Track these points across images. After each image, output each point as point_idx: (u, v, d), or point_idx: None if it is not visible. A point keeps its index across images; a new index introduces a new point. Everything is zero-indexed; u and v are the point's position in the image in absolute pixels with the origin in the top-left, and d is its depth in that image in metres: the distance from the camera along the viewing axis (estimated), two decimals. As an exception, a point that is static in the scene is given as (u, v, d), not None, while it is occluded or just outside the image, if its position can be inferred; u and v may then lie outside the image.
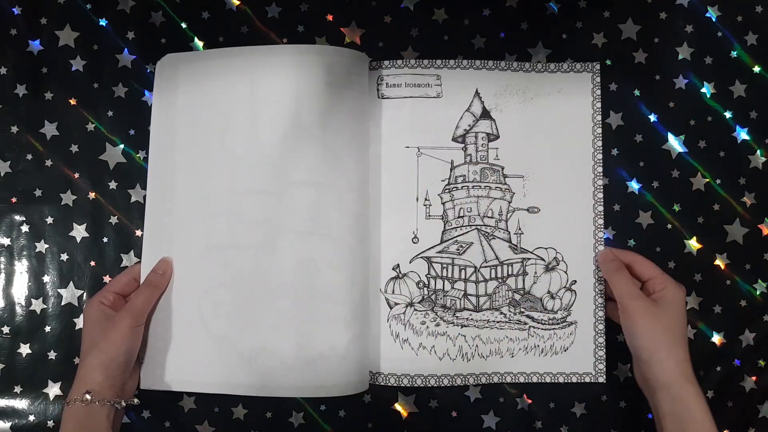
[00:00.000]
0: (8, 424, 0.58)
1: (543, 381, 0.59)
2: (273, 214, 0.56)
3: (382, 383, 0.58)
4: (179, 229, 0.57)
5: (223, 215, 0.56)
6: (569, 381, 0.59)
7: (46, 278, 0.59)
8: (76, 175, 0.60)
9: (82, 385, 0.50)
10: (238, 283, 0.56)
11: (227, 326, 0.56)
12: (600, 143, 0.60)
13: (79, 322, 0.59)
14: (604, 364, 0.59)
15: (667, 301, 0.53)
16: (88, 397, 0.50)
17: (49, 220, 0.60)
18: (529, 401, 0.60)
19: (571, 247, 0.60)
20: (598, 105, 0.61)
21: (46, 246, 0.60)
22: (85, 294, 0.59)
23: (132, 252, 0.60)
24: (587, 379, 0.59)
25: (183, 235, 0.57)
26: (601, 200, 0.60)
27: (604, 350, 0.59)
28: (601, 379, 0.59)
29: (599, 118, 0.61)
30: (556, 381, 0.59)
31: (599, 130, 0.60)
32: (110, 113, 0.61)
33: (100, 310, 0.54)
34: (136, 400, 0.54)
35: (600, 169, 0.60)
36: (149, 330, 0.56)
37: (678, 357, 0.52)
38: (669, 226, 0.61)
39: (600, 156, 0.60)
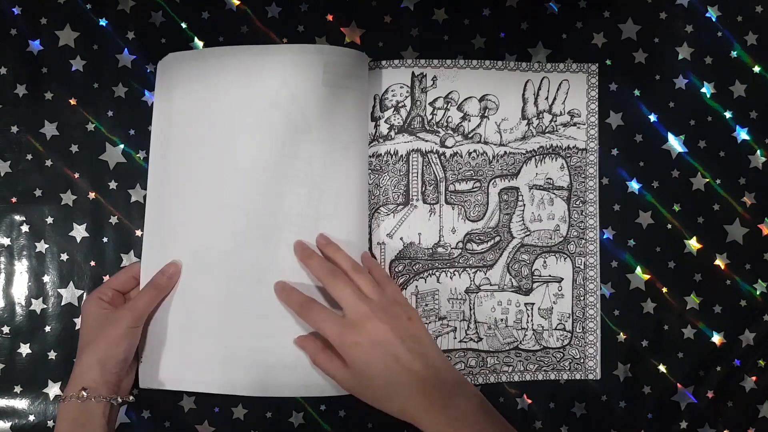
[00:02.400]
0: (8, 424, 0.58)
1: (536, 379, 0.59)
2: (272, 214, 0.56)
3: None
4: (179, 228, 0.57)
5: (222, 215, 0.56)
6: (560, 378, 0.60)
7: (46, 278, 0.59)
8: (76, 175, 0.60)
9: (78, 382, 0.50)
10: (237, 283, 0.56)
11: (226, 326, 0.56)
12: (594, 144, 0.60)
13: (80, 322, 0.59)
14: (597, 360, 0.60)
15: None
16: (84, 393, 0.50)
17: (49, 220, 0.60)
18: (529, 401, 0.60)
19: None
20: (594, 106, 0.61)
21: (46, 246, 0.60)
22: (85, 294, 0.59)
23: (132, 252, 0.60)
24: (578, 376, 0.60)
25: (183, 234, 0.57)
26: (594, 200, 0.60)
27: (596, 347, 0.59)
28: (592, 377, 0.60)
29: (594, 119, 0.61)
30: (547, 378, 0.60)
31: (593, 132, 0.60)
32: (110, 113, 0.61)
33: (99, 307, 0.54)
34: (131, 398, 0.54)
35: (592, 171, 0.60)
36: (148, 329, 0.56)
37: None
38: (669, 226, 0.61)
39: (593, 158, 0.60)
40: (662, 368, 0.60)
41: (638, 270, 0.61)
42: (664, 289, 0.61)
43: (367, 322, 0.49)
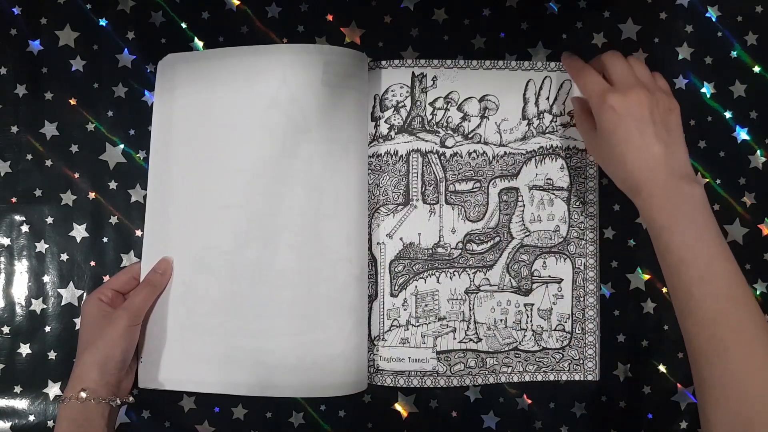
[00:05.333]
0: (8, 424, 0.58)
1: (535, 380, 0.59)
2: (272, 214, 0.56)
3: (379, 383, 0.58)
4: (179, 228, 0.57)
5: (222, 215, 0.56)
6: (559, 379, 0.60)
7: (46, 278, 0.59)
8: (76, 175, 0.60)
9: (77, 383, 0.50)
10: (237, 283, 0.56)
11: (226, 326, 0.56)
12: None
13: (79, 323, 0.59)
14: (596, 361, 0.59)
15: (601, 128, 0.52)
16: (83, 394, 0.50)
17: (49, 220, 0.60)
18: (529, 401, 0.60)
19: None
20: None
21: (46, 246, 0.60)
22: (84, 294, 0.59)
23: (132, 252, 0.60)
24: (577, 377, 0.59)
25: (183, 234, 0.57)
26: (594, 201, 0.60)
27: (596, 348, 0.59)
28: (591, 377, 0.59)
29: None
30: (546, 379, 0.59)
31: None
32: (110, 113, 0.61)
33: (99, 308, 0.54)
34: (131, 398, 0.54)
35: (593, 171, 0.60)
36: (147, 329, 0.56)
37: (653, 153, 0.50)
38: (669, 226, 0.61)
39: (593, 158, 0.60)
40: (662, 368, 0.60)
41: (638, 270, 0.61)
42: (664, 289, 0.61)
43: (630, 94, 0.51)
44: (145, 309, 0.55)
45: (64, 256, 0.60)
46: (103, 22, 0.61)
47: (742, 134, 0.62)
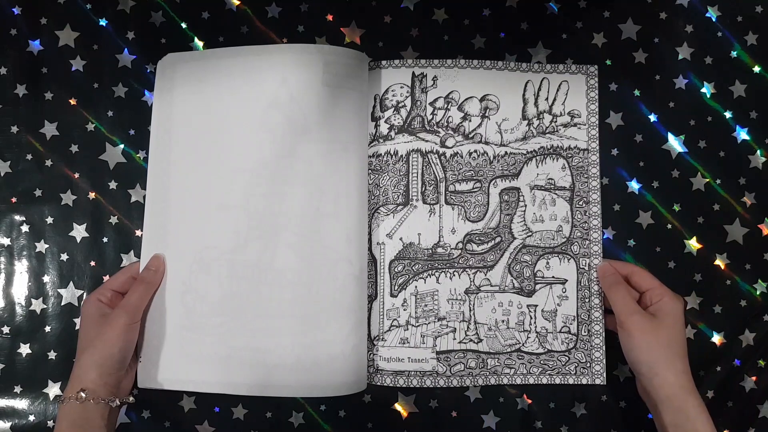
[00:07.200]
0: (8, 424, 0.58)
1: (540, 383, 0.59)
2: (272, 213, 0.56)
3: (379, 383, 0.58)
4: (179, 228, 0.57)
5: (222, 215, 0.56)
6: (566, 383, 0.59)
7: (46, 278, 0.59)
8: (76, 175, 0.60)
9: (77, 383, 0.50)
10: (237, 283, 0.56)
11: (226, 326, 0.56)
12: (595, 145, 0.60)
13: (79, 324, 0.59)
14: (603, 364, 0.59)
15: (665, 313, 0.54)
16: (82, 395, 0.50)
17: (49, 220, 0.60)
18: (529, 401, 0.60)
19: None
20: (594, 107, 0.61)
21: (46, 246, 0.60)
22: (84, 294, 0.59)
23: (132, 252, 0.60)
24: (584, 381, 0.59)
25: (182, 234, 0.57)
26: (597, 201, 0.60)
27: (602, 351, 0.59)
28: (599, 381, 0.59)
29: (594, 119, 0.61)
30: (552, 382, 0.59)
31: (594, 132, 0.60)
32: (110, 113, 0.61)
33: (97, 308, 0.54)
34: (131, 398, 0.54)
35: (595, 171, 0.60)
36: (146, 328, 0.56)
37: (677, 369, 0.52)
38: (669, 226, 0.61)
39: (595, 158, 0.60)
40: (662, 368, 0.60)
41: (638, 270, 0.61)
42: (664, 289, 0.61)
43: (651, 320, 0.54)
44: (142, 307, 0.55)
45: (64, 256, 0.60)
46: (103, 22, 0.61)
47: (742, 134, 0.62)
